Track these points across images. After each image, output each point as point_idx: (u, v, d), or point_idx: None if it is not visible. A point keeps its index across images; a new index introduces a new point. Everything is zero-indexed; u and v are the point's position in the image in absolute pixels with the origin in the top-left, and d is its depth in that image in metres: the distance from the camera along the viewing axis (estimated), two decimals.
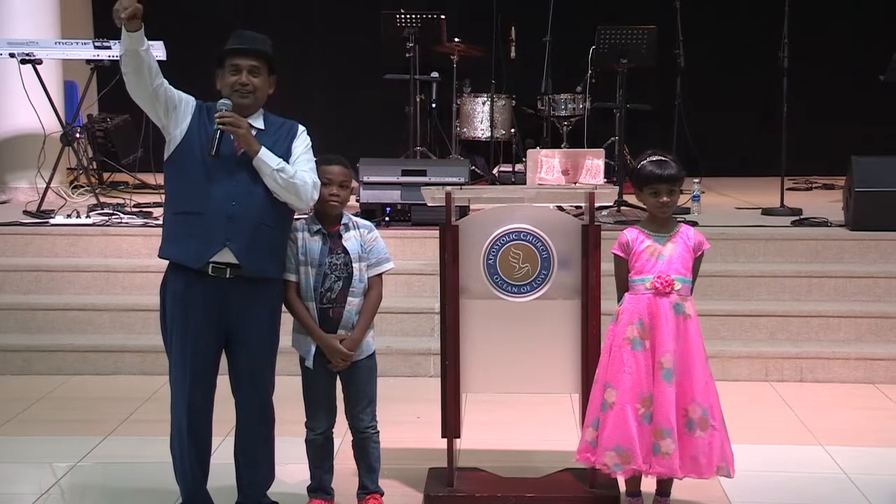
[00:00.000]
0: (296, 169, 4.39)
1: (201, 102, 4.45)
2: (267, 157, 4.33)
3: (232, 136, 4.30)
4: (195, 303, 4.34)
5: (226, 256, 4.31)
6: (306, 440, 4.72)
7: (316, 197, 4.47)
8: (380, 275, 4.69)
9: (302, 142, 4.51)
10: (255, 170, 4.33)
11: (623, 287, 4.70)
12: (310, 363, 4.60)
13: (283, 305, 4.58)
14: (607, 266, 4.77)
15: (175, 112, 4.37)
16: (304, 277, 4.56)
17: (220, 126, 4.27)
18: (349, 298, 4.58)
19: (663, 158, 4.66)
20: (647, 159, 4.67)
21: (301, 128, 4.55)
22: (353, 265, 4.59)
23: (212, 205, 4.28)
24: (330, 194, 4.56)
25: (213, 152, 4.27)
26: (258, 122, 4.42)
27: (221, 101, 4.34)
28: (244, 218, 4.32)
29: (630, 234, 4.68)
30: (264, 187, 4.35)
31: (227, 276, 4.32)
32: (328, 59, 12.49)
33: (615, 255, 4.70)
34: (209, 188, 4.29)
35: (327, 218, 4.62)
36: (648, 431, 4.54)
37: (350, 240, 4.62)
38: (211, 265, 4.31)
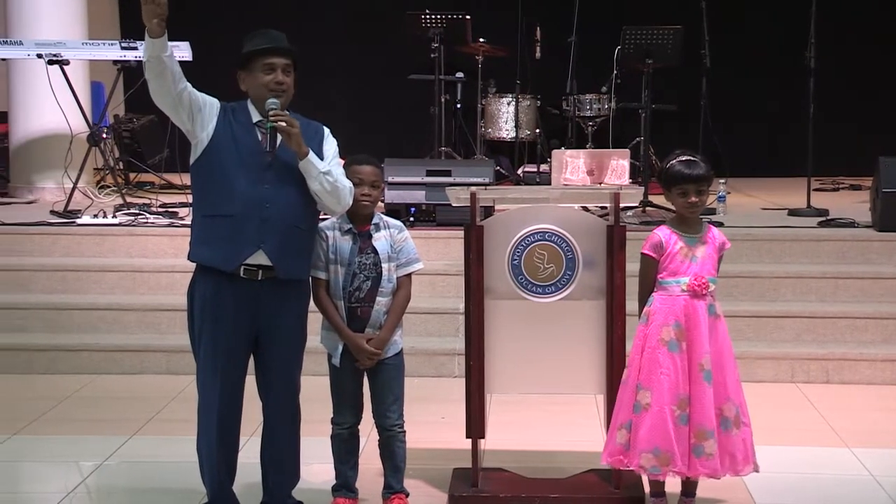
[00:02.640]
0: (337, 173, 4.40)
1: (225, 104, 4.43)
2: (315, 160, 4.33)
3: (280, 136, 4.29)
4: (226, 305, 4.33)
5: (258, 258, 4.31)
6: (332, 435, 4.73)
7: (350, 202, 4.48)
8: (409, 275, 4.70)
9: (331, 145, 4.50)
10: (286, 171, 4.31)
11: (650, 288, 4.68)
12: (336, 361, 4.62)
13: (313, 303, 4.59)
14: (632, 267, 4.76)
15: (200, 115, 4.34)
16: (333, 276, 4.58)
17: (275, 124, 4.26)
18: (377, 298, 4.59)
19: (692, 158, 4.65)
20: (676, 159, 4.66)
21: (326, 130, 4.55)
22: (382, 265, 4.60)
23: (244, 207, 4.27)
24: (361, 194, 4.57)
25: (269, 148, 4.27)
26: None
27: (270, 100, 4.29)
28: (277, 220, 4.31)
29: (663, 234, 4.65)
30: (295, 189, 4.34)
31: (259, 277, 4.32)
32: (352, 59, 12.49)
33: (646, 255, 4.66)
34: (240, 190, 4.27)
35: (358, 217, 4.62)
36: (685, 433, 4.53)
37: (380, 240, 4.62)
38: (243, 267, 4.30)
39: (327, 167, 4.36)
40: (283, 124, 4.27)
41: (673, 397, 4.53)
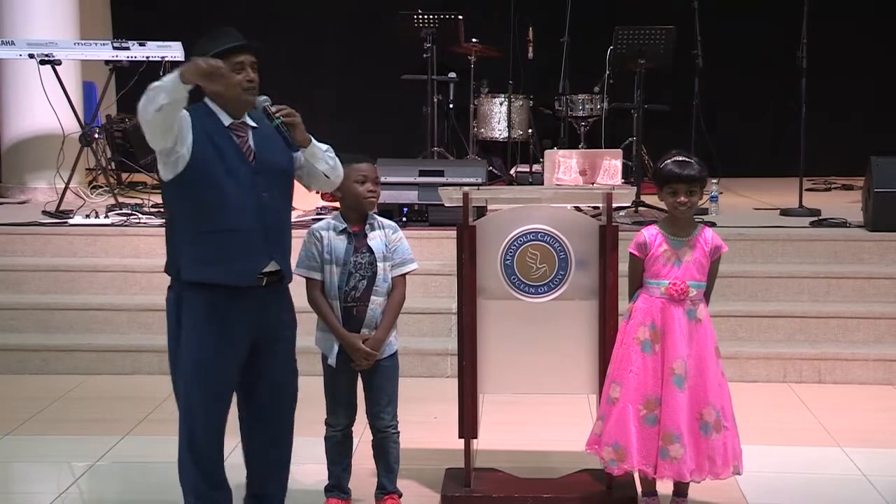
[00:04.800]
0: None
1: (190, 111, 4.19)
2: (315, 141, 4.28)
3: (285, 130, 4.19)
4: (229, 320, 4.19)
5: (267, 267, 4.26)
6: (325, 437, 4.73)
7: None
8: (403, 275, 4.71)
9: None
10: (272, 174, 4.22)
11: (637, 285, 4.71)
12: (333, 361, 4.62)
13: (308, 304, 4.59)
14: (624, 267, 4.77)
15: (180, 132, 4.12)
16: (328, 276, 4.58)
17: (285, 120, 4.17)
18: (373, 297, 4.60)
19: (686, 159, 4.65)
20: (670, 159, 4.66)
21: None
22: (378, 264, 4.61)
23: (247, 219, 4.14)
24: (368, 191, 4.60)
25: (294, 144, 4.19)
26: (250, 120, 4.28)
27: (262, 98, 4.18)
28: (278, 226, 4.26)
29: (649, 234, 4.67)
30: (281, 192, 4.28)
31: (264, 284, 4.25)
32: (345, 59, 12.50)
33: (632, 254, 4.69)
34: (238, 201, 4.13)
35: (352, 217, 4.63)
36: (654, 434, 4.56)
37: (375, 239, 4.63)
38: None
39: (324, 145, 4.33)
40: (289, 118, 4.18)
41: (640, 396, 4.57)
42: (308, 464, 4.95)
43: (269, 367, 4.37)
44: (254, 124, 4.27)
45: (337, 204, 4.74)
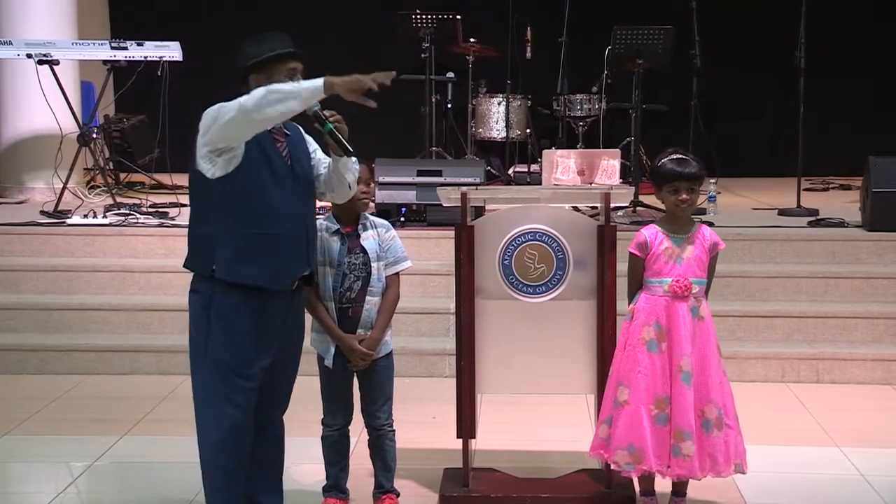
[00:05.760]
0: None
1: None
2: None
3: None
4: (268, 321, 4.18)
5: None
6: (322, 437, 4.73)
7: None
8: (397, 274, 4.71)
9: (312, 140, 4.46)
10: (305, 182, 4.27)
11: (637, 286, 4.70)
12: (329, 363, 4.61)
13: (304, 306, 4.58)
14: (623, 266, 4.77)
15: None
16: (322, 278, 4.57)
17: (337, 126, 4.22)
18: (368, 298, 4.60)
19: (684, 157, 4.65)
20: (668, 157, 4.66)
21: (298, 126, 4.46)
22: (372, 264, 4.60)
23: (288, 224, 4.17)
24: (362, 192, 4.60)
25: (351, 149, 4.22)
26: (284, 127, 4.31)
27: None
28: (313, 233, 4.33)
29: (649, 233, 4.66)
30: (312, 200, 4.34)
31: (294, 287, 4.29)
32: (343, 59, 12.42)
33: (632, 253, 4.68)
34: (279, 207, 4.14)
35: (345, 218, 4.62)
36: (665, 433, 4.55)
37: (368, 239, 4.63)
38: None
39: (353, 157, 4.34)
40: (340, 123, 4.23)
41: (650, 397, 4.56)
42: (306, 464, 4.95)
43: (284, 370, 4.38)
44: (287, 131, 4.30)
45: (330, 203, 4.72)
